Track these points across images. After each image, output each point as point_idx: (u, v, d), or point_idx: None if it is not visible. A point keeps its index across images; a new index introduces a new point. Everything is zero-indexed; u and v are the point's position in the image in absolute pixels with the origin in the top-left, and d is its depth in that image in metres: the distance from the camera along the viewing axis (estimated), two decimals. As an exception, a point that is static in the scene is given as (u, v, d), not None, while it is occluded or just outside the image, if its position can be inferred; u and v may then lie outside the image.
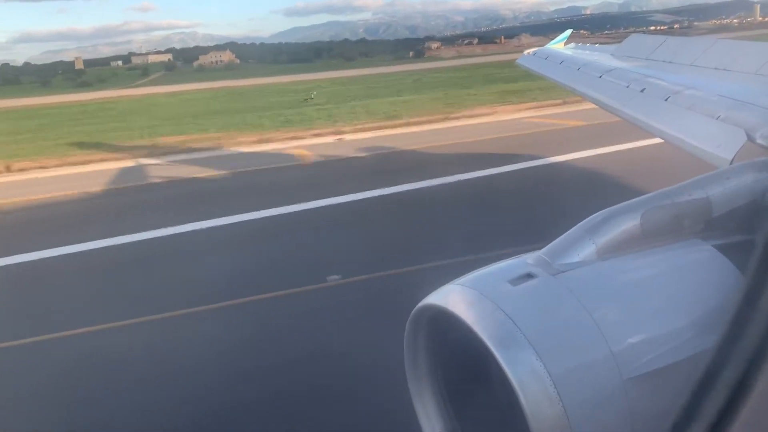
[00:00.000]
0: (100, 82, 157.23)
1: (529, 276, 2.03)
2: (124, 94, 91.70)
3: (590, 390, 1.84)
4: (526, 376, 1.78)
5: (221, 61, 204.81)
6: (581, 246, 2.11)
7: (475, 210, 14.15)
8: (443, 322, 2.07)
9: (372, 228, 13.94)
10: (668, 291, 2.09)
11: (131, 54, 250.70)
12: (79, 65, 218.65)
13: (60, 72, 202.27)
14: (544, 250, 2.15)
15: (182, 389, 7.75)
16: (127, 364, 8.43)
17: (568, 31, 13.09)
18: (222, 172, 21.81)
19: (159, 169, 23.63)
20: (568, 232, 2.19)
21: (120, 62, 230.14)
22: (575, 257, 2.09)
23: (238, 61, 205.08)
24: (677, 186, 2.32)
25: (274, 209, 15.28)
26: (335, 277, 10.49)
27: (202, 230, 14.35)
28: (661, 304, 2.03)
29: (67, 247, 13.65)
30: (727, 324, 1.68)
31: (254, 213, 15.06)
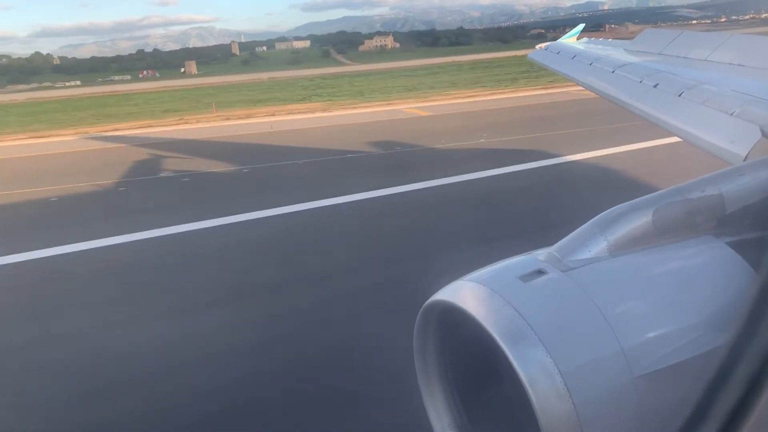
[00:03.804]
0: (299, 63, 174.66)
1: (540, 272, 2.02)
2: (408, 65, 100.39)
3: (600, 387, 1.83)
4: (536, 372, 1.77)
5: (384, 45, 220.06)
6: (592, 242, 2.10)
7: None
8: (453, 317, 2.07)
9: None
10: (680, 288, 2.07)
11: (276, 40, 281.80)
12: (235, 50, 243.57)
13: (219, 56, 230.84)
14: (554, 246, 2.15)
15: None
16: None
17: (581, 26, 12.94)
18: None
19: None
20: (579, 229, 2.18)
21: (264, 47, 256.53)
22: (586, 253, 2.08)
23: (397, 45, 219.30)
24: (690, 182, 2.29)
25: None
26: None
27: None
28: (672, 301, 2.02)
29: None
30: (741, 322, 1.67)
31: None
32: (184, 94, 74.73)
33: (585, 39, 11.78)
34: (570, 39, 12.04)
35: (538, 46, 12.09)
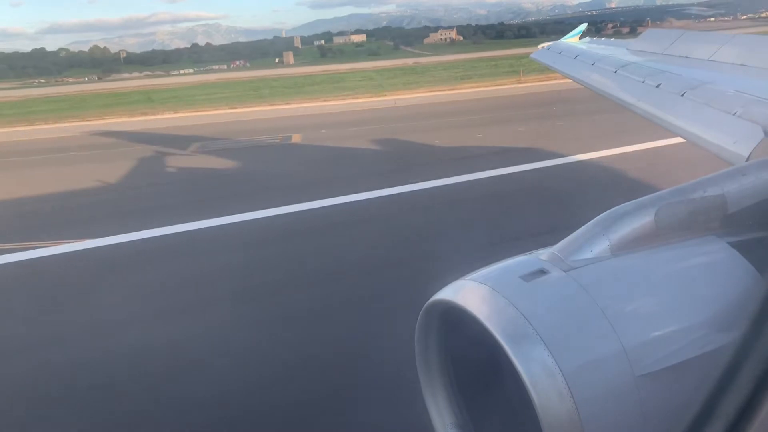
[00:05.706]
0: (378, 54, 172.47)
1: (542, 272, 2.02)
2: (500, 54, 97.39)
3: (602, 386, 1.83)
4: (538, 372, 1.78)
5: (450, 38, 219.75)
6: (595, 242, 2.10)
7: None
8: (455, 317, 2.07)
9: None
10: (682, 288, 2.07)
11: (330, 34, 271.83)
12: (297, 43, 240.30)
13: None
14: (556, 246, 2.14)
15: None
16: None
17: (584, 25, 12.88)
18: None
19: None
20: (581, 229, 2.18)
21: (323, 41, 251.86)
22: (588, 253, 2.08)
23: (461, 38, 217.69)
24: (692, 182, 2.29)
25: None
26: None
27: None
28: (674, 301, 2.02)
29: None
30: (744, 322, 1.67)
31: None
32: (373, 74, 71.27)
33: (587, 39, 11.74)
34: (572, 39, 11.98)
35: (540, 46, 12.04)
